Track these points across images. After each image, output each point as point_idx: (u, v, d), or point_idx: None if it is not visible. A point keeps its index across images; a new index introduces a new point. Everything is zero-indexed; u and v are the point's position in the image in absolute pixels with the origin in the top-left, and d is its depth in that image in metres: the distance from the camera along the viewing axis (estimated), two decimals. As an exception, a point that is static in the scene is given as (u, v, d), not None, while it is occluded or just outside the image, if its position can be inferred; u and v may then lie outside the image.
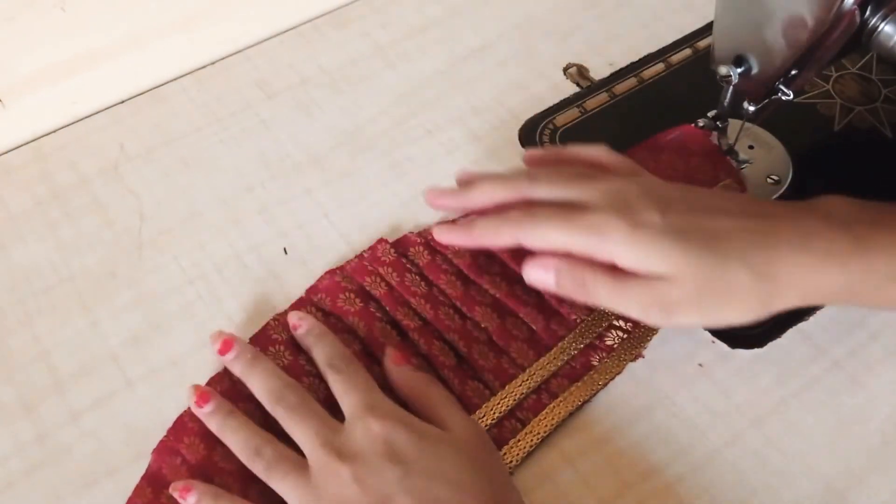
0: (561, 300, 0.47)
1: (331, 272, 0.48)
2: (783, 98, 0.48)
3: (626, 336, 0.46)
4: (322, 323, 0.46)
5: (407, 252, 0.49)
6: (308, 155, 0.56)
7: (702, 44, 0.62)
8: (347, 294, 0.47)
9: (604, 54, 0.62)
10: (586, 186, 0.43)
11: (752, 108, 0.49)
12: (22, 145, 0.57)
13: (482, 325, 0.46)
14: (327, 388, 0.43)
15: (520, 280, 0.48)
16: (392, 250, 0.49)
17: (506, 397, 0.44)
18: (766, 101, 0.49)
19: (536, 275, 0.43)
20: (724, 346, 0.46)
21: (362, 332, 0.46)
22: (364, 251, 0.49)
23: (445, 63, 0.62)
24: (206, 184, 0.55)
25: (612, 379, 0.45)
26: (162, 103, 0.60)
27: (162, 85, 0.61)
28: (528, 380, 0.44)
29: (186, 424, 0.43)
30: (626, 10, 0.65)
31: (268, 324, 0.47)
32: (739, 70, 0.48)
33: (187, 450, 0.42)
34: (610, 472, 0.42)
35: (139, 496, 0.41)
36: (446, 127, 0.58)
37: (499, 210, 0.44)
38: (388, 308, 0.46)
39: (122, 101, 0.60)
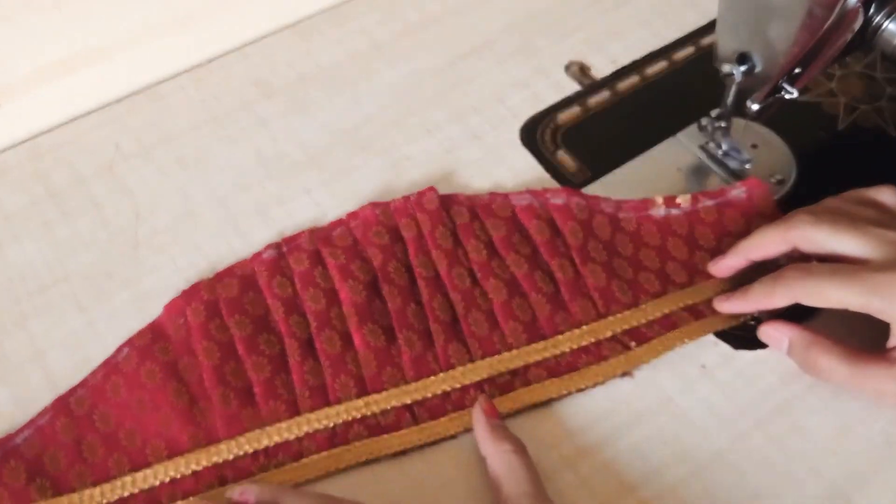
0: (573, 297, 0.46)
1: (373, 204, 0.49)
2: (787, 96, 0.48)
3: (623, 352, 0.45)
4: (350, 248, 0.47)
5: (450, 208, 0.49)
6: (306, 154, 0.56)
7: (705, 41, 0.61)
8: (379, 228, 0.48)
9: (606, 52, 0.61)
10: (871, 236, 0.40)
11: (755, 107, 0.49)
12: (17, 144, 0.57)
13: (489, 296, 0.46)
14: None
15: (544, 268, 0.47)
16: (437, 200, 0.49)
17: (481, 369, 0.44)
18: (770, 99, 0.48)
19: (770, 337, 0.44)
20: (727, 348, 0.46)
21: (377, 265, 0.47)
22: (412, 194, 0.50)
23: (445, 61, 0.61)
24: (202, 183, 0.54)
25: (591, 388, 0.44)
26: (158, 102, 0.59)
27: (158, 83, 0.60)
28: (508, 360, 0.44)
29: (199, 292, 0.46)
30: (629, 7, 0.64)
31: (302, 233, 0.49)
32: (743, 68, 0.47)
33: (192, 313, 0.45)
34: (611, 475, 0.42)
35: (140, 338, 0.45)
36: (446, 126, 0.57)
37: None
38: (409, 252, 0.48)
39: (119, 100, 0.59)
